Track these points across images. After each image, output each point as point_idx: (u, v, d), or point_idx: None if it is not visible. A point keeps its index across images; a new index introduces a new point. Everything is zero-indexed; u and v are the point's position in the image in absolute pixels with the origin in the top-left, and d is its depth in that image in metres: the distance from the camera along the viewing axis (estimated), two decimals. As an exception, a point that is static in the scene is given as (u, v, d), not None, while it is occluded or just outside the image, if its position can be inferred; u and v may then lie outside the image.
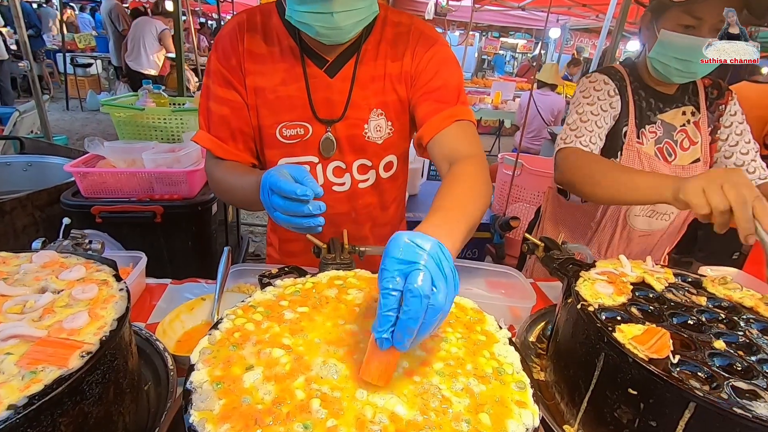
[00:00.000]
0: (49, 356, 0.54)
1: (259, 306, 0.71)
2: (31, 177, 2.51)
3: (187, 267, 1.98)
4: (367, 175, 1.23)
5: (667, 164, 1.40)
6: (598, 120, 1.35)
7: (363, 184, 1.24)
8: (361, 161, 1.20)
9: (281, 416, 0.50)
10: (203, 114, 1.13)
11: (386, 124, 1.17)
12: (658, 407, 0.65)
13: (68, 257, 0.78)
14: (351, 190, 1.23)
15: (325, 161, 1.19)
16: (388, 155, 1.22)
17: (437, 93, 1.10)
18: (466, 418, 0.52)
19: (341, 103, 1.12)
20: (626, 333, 0.71)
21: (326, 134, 1.14)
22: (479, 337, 0.68)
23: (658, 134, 1.40)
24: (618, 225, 1.49)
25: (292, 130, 1.14)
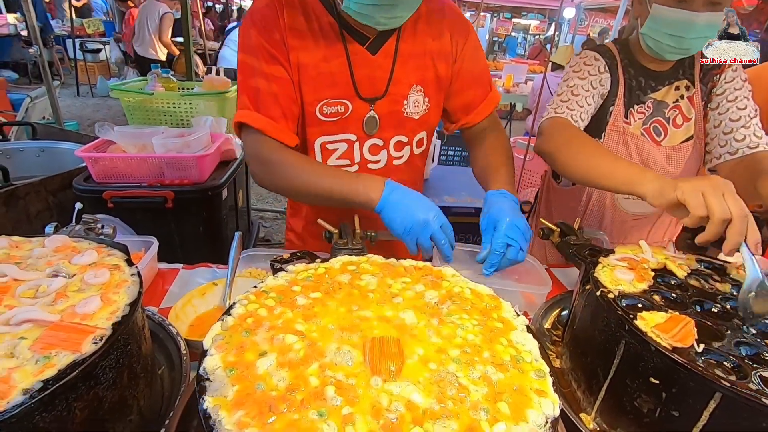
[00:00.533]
0: (62, 341, 0.54)
1: (272, 291, 0.70)
2: (43, 162, 2.52)
3: (198, 252, 1.98)
4: (402, 152, 1.25)
5: (655, 145, 1.35)
6: (588, 97, 1.31)
7: (398, 161, 1.25)
8: (398, 138, 1.22)
9: (295, 403, 0.49)
10: (247, 92, 1.08)
11: (424, 100, 1.20)
12: (682, 397, 0.63)
13: (80, 242, 0.77)
14: (386, 167, 1.24)
15: (363, 138, 1.19)
16: (421, 131, 1.25)
17: (479, 80, 1.24)
18: (485, 407, 0.51)
19: (383, 80, 1.13)
20: (648, 321, 0.69)
21: (369, 112, 1.15)
22: (496, 324, 0.67)
23: (647, 114, 1.35)
24: (606, 208, 1.46)
25: (332, 108, 1.12)
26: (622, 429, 0.72)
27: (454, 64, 1.20)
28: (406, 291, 0.73)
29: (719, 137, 1.30)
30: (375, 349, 0.58)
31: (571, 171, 1.19)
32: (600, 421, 0.76)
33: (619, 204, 1.44)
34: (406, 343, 0.60)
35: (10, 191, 1.91)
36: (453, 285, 0.76)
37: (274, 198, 4.68)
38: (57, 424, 0.51)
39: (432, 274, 0.79)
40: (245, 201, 2.70)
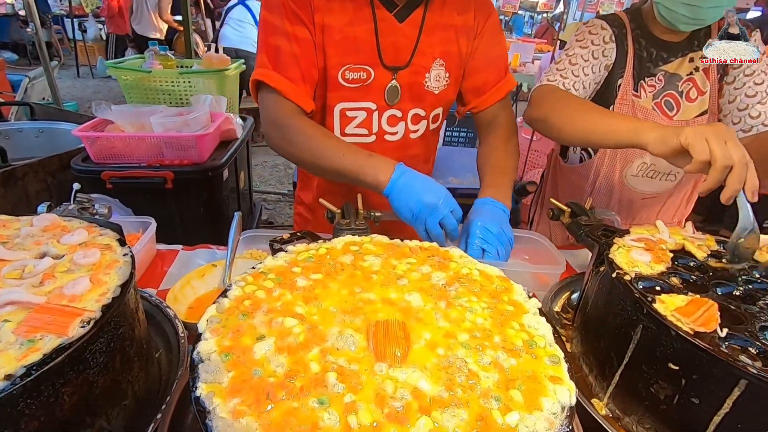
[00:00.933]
0: (48, 324, 0.51)
1: (270, 272, 0.66)
2: (43, 143, 2.49)
3: (198, 233, 1.95)
4: (419, 126, 1.22)
5: (667, 119, 1.29)
6: (587, 67, 1.26)
7: (414, 134, 1.22)
8: (416, 110, 1.19)
9: (295, 390, 0.46)
10: (267, 51, 1.04)
11: (444, 74, 1.17)
12: (703, 384, 0.59)
13: (70, 221, 0.74)
14: (403, 139, 1.21)
15: (383, 108, 1.16)
16: (439, 107, 1.23)
17: (496, 62, 1.20)
18: (496, 395, 0.48)
19: (408, 49, 1.10)
20: (668, 304, 0.65)
21: (392, 81, 1.12)
22: (507, 307, 0.63)
23: (658, 87, 1.29)
24: (614, 186, 1.41)
25: (354, 74, 1.09)
26: (636, 415, 0.69)
27: (473, 42, 1.17)
28: (411, 272, 0.69)
29: (733, 113, 1.24)
30: (379, 333, 0.55)
31: (567, 133, 1.15)
32: (613, 407, 0.73)
33: (627, 182, 1.39)
34: (412, 327, 0.57)
35: (9, 172, 1.88)
36: (461, 266, 0.72)
37: (277, 180, 4.64)
38: (44, 410, 0.48)
39: (439, 254, 0.75)
40: (247, 182, 2.66)
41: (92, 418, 0.54)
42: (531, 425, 0.45)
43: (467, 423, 0.44)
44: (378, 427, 0.43)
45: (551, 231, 1.64)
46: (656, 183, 1.38)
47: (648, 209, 1.46)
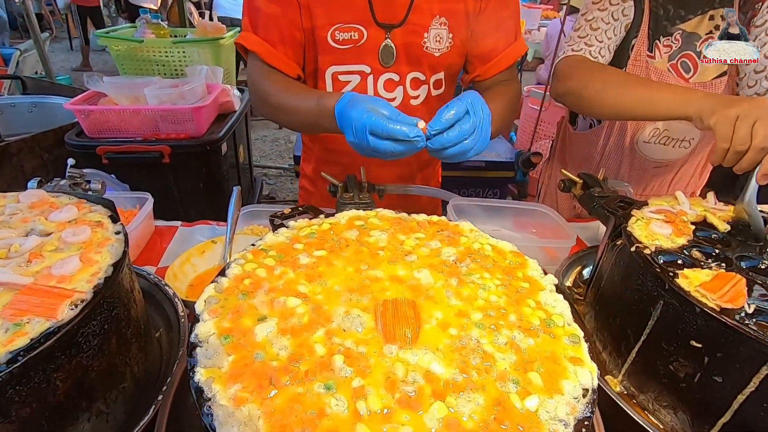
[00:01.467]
0: (35, 306, 0.48)
1: (271, 249, 0.63)
2: (37, 118, 2.43)
3: (198, 209, 1.93)
4: (419, 91, 1.13)
5: (683, 81, 1.22)
6: (608, 30, 1.19)
7: (415, 100, 1.13)
8: (415, 74, 1.10)
9: (299, 375, 0.43)
10: (249, 13, 1.00)
11: (447, 35, 1.06)
12: (728, 362, 0.57)
13: (59, 197, 0.70)
14: (402, 105, 1.12)
15: (378, 71, 1.08)
16: (440, 71, 1.13)
17: (506, 24, 1.09)
18: (514, 378, 0.45)
19: (403, 6, 1.01)
20: (692, 279, 0.62)
21: (385, 41, 1.03)
22: (521, 284, 0.60)
23: (674, 48, 1.21)
24: (624, 153, 1.35)
25: (345, 34, 1.01)
26: (653, 393, 0.67)
27: (482, 3, 1.06)
28: (420, 248, 0.66)
29: (750, 76, 1.17)
30: (387, 312, 0.52)
31: (605, 107, 1.10)
32: (628, 385, 0.71)
33: (639, 149, 1.33)
34: (422, 306, 0.54)
35: (2, 148, 1.83)
36: (472, 241, 0.68)
37: (277, 154, 4.57)
38: (36, 396, 0.46)
39: (448, 229, 0.71)
40: (246, 157, 2.60)
41: (89, 402, 0.52)
42: (552, 410, 0.42)
43: (484, 408, 0.42)
44: (389, 413, 0.40)
45: (558, 203, 1.60)
46: (669, 150, 1.32)
47: (660, 178, 1.41)
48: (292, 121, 1.00)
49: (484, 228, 0.76)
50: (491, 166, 2.69)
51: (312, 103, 0.90)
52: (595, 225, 1.31)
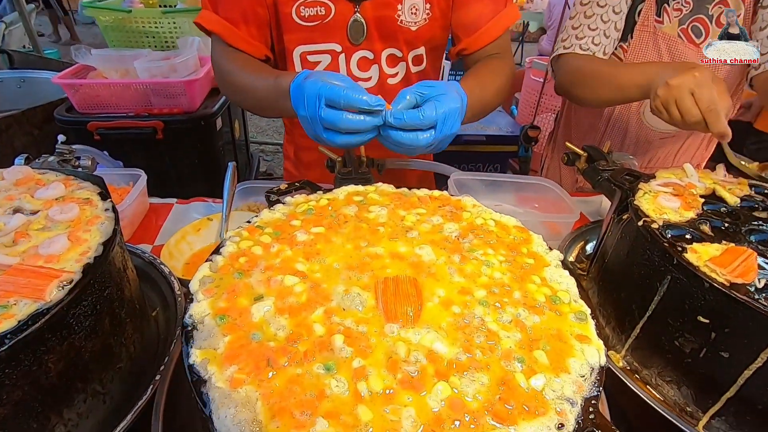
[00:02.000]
0: (22, 287, 0.46)
1: (267, 226, 0.61)
2: (26, 93, 2.37)
3: (194, 186, 1.90)
4: (396, 69, 1.06)
5: (694, 47, 1.18)
6: (605, 13, 1.17)
7: (392, 79, 1.06)
8: (390, 51, 1.02)
9: (298, 355, 0.42)
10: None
11: (423, 6, 0.98)
12: (735, 337, 0.56)
13: (45, 173, 0.68)
14: (378, 85, 1.06)
15: (350, 50, 1.01)
16: (419, 46, 1.04)
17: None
18: (519, 357, 0.44)
19: None
20: (701, 254, 0.60)
21: (354, 15, 0.95)
22: (526, 260, 0.58)
23: (685, 12, 1.16)
24: (630, 125, 1.32)
25: (310, 9, 0.94)
26: (657, 368, 0.66)
27: None
28: (421, 224, 0.63)
29: (763, 42, 1.12)
30: (388, 290, 0.50)
31: (589, 101, 1.19)
32: (631, 360, 0.70)
33: (645, 119, 1.30)
34: (424, 284, 0.52)
35: (-9, 124, 1.79)
36: (475, 216, 0.66)
37: (274, 130, 4.50)
38: (27, 379, 0.44)
39: (450, 204, 0.69)
40: (242, 133, 2.55)
41: (84, 384, 0.51)
42: (558, 389, 0.41)
43: (488, 388, 0.40)
44: (391, 394, 0.39)
45: (561, 177, 1.57)
46: None
47: (666, 149, 1.38)
48: (249, 101, 0.93)
49: (486, 203, 0.74)
50: (492, 140, 2.64)
51: (269, 82, 0.82)
52: (598, 199, 1.29)
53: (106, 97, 1.73)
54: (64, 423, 0.49)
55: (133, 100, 1.74)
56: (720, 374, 0.58)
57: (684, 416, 0.63)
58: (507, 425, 0.37)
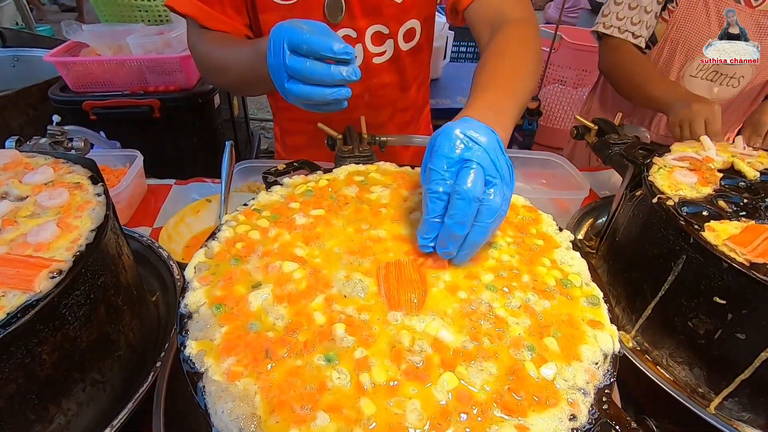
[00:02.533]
0: (10, 278, 0.44)
1: (265, 209, 0.58)
2: (21, 73, 2.31)
3: (194, 166, 1.85)
4: (384, 47, 0.99)
5: (748, 8, 1.12)
6: (648, 4, 1.17)
7: (379, 58, 1.00)
8: (375, 28, 0.95)
9: (298, 346, 0.40)
10: None
11: None
12: (754, 319, 0.53)
13: (34, 157, 0.65)
14: (364, 65, 0.99)
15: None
16: (409, 20, 0.96)
17: None
18: (529, 344, 0.42)
19: None
20: (719, 232, 0.57)
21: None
22: (535, 242, 0.55)
23: None
24: None
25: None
26: (668, 349, 0.64)
27: None
28: (425, 204, 0.61)
29: None
30: (390, 276, 0.48)
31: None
32: (641, 340, 0.69)
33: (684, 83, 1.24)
34: (429, 269, 0.50)
35: (-15, 105, 1.75)
36: (481, 195, 0.63)
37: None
38: (21, 371, 0.43)
39: (455, 183, 0.66)
40: (242, 110, 2.50)
41: (81, 373, 0.50)
42: (570, 378, 0.39)
43: (497, 378, 0.39)
44: (395, 386, 0.37)
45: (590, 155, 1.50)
46: (716, 88, 1.23)
47: None
48: (231, 77, 0.86)
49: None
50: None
51: (248, 50, 0.75)
52: (607, 173, 1.26)
53: (99, 75, 1.68)
54: (63, 413, 0.48)
55: (128, 77, 1.69)
56: (735, 356, 0.57)
57: (695, 397, 0.61)
58: (516, 417, 0.36)
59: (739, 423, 0.59)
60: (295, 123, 1.14)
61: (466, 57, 3.29)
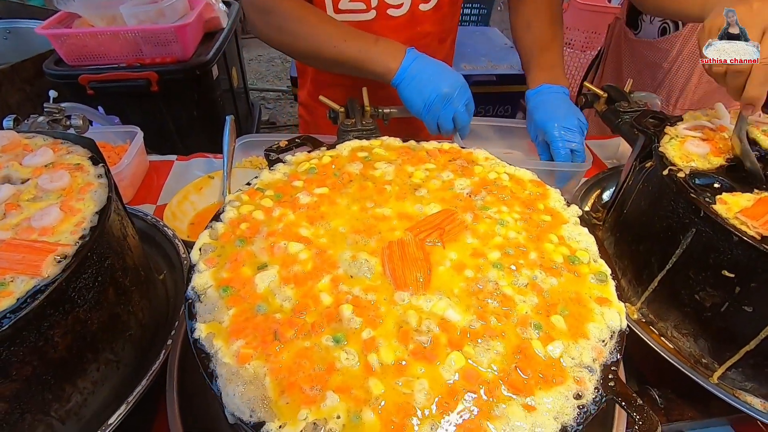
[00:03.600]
0: (17, 263, 0.44)
1: (268, 189, 0.58)
2: (14, 46, 2.26)
3: (194, 140, 1.85)
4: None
5: None
6: None
7: (425, 5, 1.00)
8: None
9: (305, 327, 0.41)
10: None
11: None
12: (762, 292, 0.53)
13: (33, 137, 0.64)
14: (410, 14, 0.99)
15: None
16: None
17: None
18: (535, 323, 0.42)
19: None
20: (731, 205, 0.56)
21: None
22: (543, 218, 0.55)
23: None
24: (697, 64, 1.20)
25: None
26: (673, 321, 0.65)
27: None
28: (430, 180, 0.60)
29: None
30: (394, 255, 0.48)
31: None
32: (646, 312, 0.69)
33: None
34: (434, 246, 0.49)
35: (-19, 81, 1.72)
36: (487, 170, 0.62)
37: (274, 75, 4.32)
38: (35, 355, 0.44)
39: (461, 157, 0.65)
40: (241, 80, 2.44)
41: (95, 354, 0.51)
42: (576, 356, 0.39)
43: (504, 357, 0.39)
44: (403, 366, 0.38)
45: None
46: None
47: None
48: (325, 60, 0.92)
49: (496, 151, 0.70)
50: (503, 80, 2.50)
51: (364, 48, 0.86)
52: (614, 142, 1.23)
53: (94, 47, 1.64)
54: (80, 392, 0.50)
55: (123, 49, 1.65)
56: (741, 328, 0.57)
57: (698, 368, 0.62)
58: (523, 396, 0.36)
59: (741, 392, 0.60)
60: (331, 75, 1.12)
61: (469, 20, 3.17)
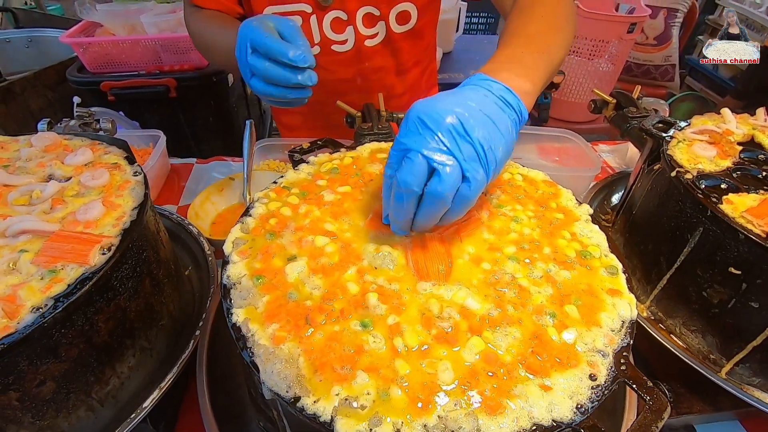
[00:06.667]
0: (67, 253, 0.47)
1: (294, 187, 0.61)
2: (35, 54, 2.34)
3: (210, 143, 1.90)
4: (375, 29, 0.96)
5: None
6: None
7: (371, 41, 0.97)
8: (366, 9, 0.92)
9: (335, 313, 0.44)
10: None
11: None
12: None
13: (72, 139, 0.68)
14: (355, 48, 0.97)
15: (321, 12, 0.91)
16: (401, 2, 0.93)
17: None
18: (550, 312, 0.44)
19: None
20: (737, 204, 0.58)
21: None
22: (555, 215, 0.57)
23: None
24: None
25: None
26: (682, 318, 0.67)
27: None
28: (447, 180, 0.63)
29: None
30: (417, 249, 0.50)
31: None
32: (655, 310, 0.71)
33: None
34: (452, 241, 0.52)
35: (5, 87, 1.78)
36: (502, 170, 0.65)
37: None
38: (81, 337, 0.47)
39: (476, 159, 0.68)
40: (254, 87, 2.50)
41: (132, 340, 0.54)
42: (589, 342, 0.42)
43: (521, 342, 0.42)
44: (427, 350, 0.40)
45: None
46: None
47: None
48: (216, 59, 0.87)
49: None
50: (510, 88, 2.54)
51: (229, 37, 0.73)
52: (624, 147, 1.25)
53: (116, 55, 1.70)
54: (117, 376, 0.53)
55: (144, 57, 1.71)
56: (748, 324, 0.59)
57: (707, 363, 0.64)
58: (540, 377, 0.39)
59: (749, 387, 0.62)
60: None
61: (478, 29, 3.22)
